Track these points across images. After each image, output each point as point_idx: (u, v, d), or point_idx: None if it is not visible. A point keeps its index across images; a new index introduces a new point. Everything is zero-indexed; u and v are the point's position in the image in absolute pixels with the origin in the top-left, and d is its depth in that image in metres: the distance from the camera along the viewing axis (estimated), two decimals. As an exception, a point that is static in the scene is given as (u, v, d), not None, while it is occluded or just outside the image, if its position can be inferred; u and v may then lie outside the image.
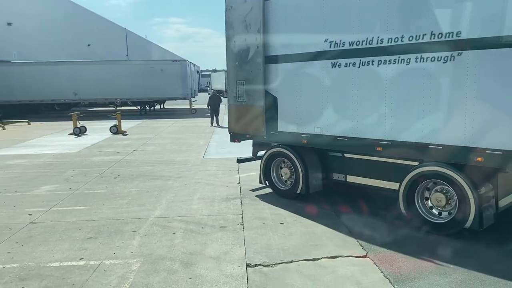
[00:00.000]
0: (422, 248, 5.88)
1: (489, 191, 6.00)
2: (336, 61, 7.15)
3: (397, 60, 6.38)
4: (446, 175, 6.11)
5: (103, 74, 30.38)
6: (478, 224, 5.86)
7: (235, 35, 8.68)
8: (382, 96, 6.63)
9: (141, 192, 9.05)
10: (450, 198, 6.24)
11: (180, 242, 6.23)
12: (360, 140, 6.99)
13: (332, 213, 7.44)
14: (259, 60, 8.28)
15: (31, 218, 7.44)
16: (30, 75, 29.96)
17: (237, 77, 8.78)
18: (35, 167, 12.01)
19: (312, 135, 7.71)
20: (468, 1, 5.68)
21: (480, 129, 5.68)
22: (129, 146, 15.78)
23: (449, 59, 5.85)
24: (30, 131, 21.44)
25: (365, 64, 6.77)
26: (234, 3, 8.63)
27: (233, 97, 8.95)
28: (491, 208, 5.99)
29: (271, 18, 8.04)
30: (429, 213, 6.47)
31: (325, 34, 7.23)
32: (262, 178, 8.81)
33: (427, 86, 6.11)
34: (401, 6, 6.33)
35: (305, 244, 6.09)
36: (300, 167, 8.02)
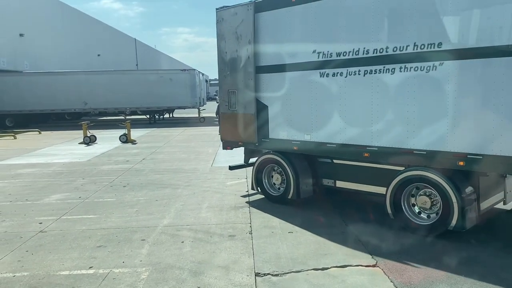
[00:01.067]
0: (430, 256, 5.82)
1: (471, 194, 6.27)
2: (324, 71, 7.44)
3: (382, 69, 6.67)
4: (430, 179, 6.38)
5: (113, 84, 30.70)
6: (461, 225, 6.12)
7: (227, 46, 8.95)
8: (369, 104, 6.90)
9: (150, 201, 9.08)
10: (435, 201, 6.48)
11: (188, 251, 6.23)
12: (348, 147, 7.26)
13: (340, 222, 7.40)
14: (250, 70, 8.56)
15: (42, 226, 7.49)
16: (41, 85, 30.34)
17: (228, 86, 9.05)
18: (45, 176, 12.11)
19: (302, 142, 7.95)
20: (448, 15, 5.99)
21: (462, 135, 5.99)
22: (139, 154, 15.87)
23: (431, 69, 6.16)
24: (41, 140, 21.65)
25: (351, 74, 7.07)
26: (225, 15, 8.91)
27: (225, 106, 9.19)
28: (473, 210, 6.26)
29: (262, 30, 8.33)
30: (415, 215, 6.71)
31: (314, 45, 7.52)
32: (254, 185, 9.01)
33: (411, 94, 6.41)
34: (386, 19, 6.66)
35: (314, 253, 6.05)
36: (291, 173, 8.23)
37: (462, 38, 5.93)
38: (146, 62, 67.23)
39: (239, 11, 8.60)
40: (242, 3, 8.57)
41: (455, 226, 6.16)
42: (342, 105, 7.28)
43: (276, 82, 8.25)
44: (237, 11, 8.64)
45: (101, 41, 50.36)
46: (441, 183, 6.26)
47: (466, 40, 5.89)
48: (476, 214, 6.29)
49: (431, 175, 6.37)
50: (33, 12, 35.83)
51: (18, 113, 30.56)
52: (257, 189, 9.00)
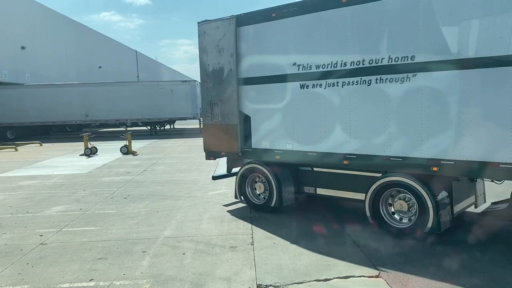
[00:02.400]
0: (433, 266, 5.77)
1: (445, 198, 6.64)
2: (304, 83, 7.73)
3: (359, 81, 7.01)
4: (407, 184, 6.74)
5: (114, 95, 30.82)
6: (437, 228, 6.48)
7: (209, 58, 9.15)
8: (347, 114, 7.24)
9: (151, 212, 9.05)
10: (411, 205, 6.83)
11: (190, 262, 6.19)
12: (329, 155, 7.56)
13: (342, 231, 7.35)
14: (232, 82, 8.76)
15: (42, 239, 7.46)
16: (42, 97, 30.46)
17: (211, 97, 9.22)
18: (46, 188, 12.09)
19: (284, 151, 8.18)
20: (420, 29, 6.31)
21: (434, 142, 6.33)
22: (139, 166, 15.86)
23: (405, 80, 6.52)
24: (42, 152, 21.67)
25: (330, 85, 7.39)
26: (207, 29, 9.12)
27: (208, 117, 9.38)
28: (447, 213, 6.65)
29: (243, 43, 8.57)
30: (393, 219, 7.07)
31: (294, 58, 7.82)
32: (238, 193, 9.20)
33: (386, 104, 6.76)
34: (362, 33, 6.96)
35: (316, 264, 6.01)
36: (274, 181, 8.46)
37: (432, 52, 6.27)
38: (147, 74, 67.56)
39: (221, 25, 8.84)
40: (223, 18, 8.84)
41: (430, 228, 6.50)
42: (322, 115, 7.58)
43: (258, 94, 8.50)
44: (218, 25, 8.88)
45: (102, 53, 50.68)
46: (416, 188, 6.62)
47: (436, 53, 6.24)
48: (450, 217, 6.68)
49: (407, 180, 6.72)
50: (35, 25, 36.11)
51: (20, 125, 30.64)
52: (240, 198, 9.22)
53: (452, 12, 6.06)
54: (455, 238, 6.89)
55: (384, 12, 6.66)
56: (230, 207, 9.30)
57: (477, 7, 5.84)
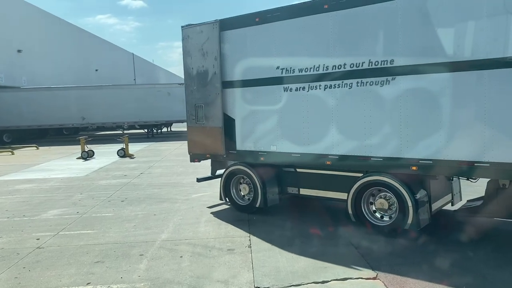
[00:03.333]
0: (430, 267, 5.79)
1: (424, 196, 6.94)
2: (288, 86, 7.93)
3: (341, 84, 7.28)
4: (387, 183, 7.02)
5: (110, 98, 30.77)
6: (416, 225, 6.76)
7: (193, 62, 9.26)
8: (329, 116, 7.48)
9: (148, 215, 9.03)
10: (392, 203, 7.12)
11: (187, 265, 6.18)
12: (312, 156, 7.77)
13: (339, 233, 7.36)
14: (217, 85, 8.88)
15: (39, 242, 7.44)
16: (39, 100, 30.39)
17: (195, 100, 9.33)
18: (43, 192, 12.05)
19: (268, 152, 8.37)
20: (399, 35, 6.61)
21: (413, 142, 6.64)
22: (136, 169, 15.84)
23: (385, 83, 6.80)
24: (39, 156, 21.61)
25: (313, 88, 7.61)
26: (191, 33, 9.22)
27: (192, 120, 9.46)
28: (426, 211, 6.93)
29: (227, 47, 8.71)
30: (374, 217, 7.33)
31: (277, 62, 8.00)
32: (222, 195, 9.31)
33: (367, 106, 7.03)
34: (343, 38, 7.22)
35: (314, 266, 6.01)
36: (259, 183, 8.61)
37: (410, 56, 6.55)
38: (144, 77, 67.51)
39: (204, 29, 8.97)
40: (207, 22, 8.97)
41: (410, 225, 6.78)
42: (306, 117, 7.78)
43: (242, 96, 8.64)
44: (202, 29, 9.00)
45: (99, 56, 50.63)
46: (396, 186, 6.90)
47: (413, 58, 6.53)
48: (428, 214, 6.98)
49: (388, 179, 6.99)
50: (31, 28, 36.05)
51: (16, 129, 30.56)
52: (225, 199, 9.32)
53: (427, 19, 6.38)
54: (451, 238, 6.92)
55: (364, 18, 6.94)
56: (228, 209, 9.29)
57: (450, 15, 6.19)
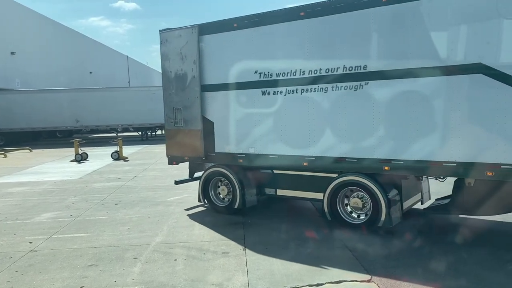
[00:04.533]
0: (425, 270, 5.80)
1: (396, 195, 7.29)
2: (266, 90, 8.16)
3: (317, 88, 7.55)
4: (361, 183, 7.34)
5: (104, 101, 30.66)
6: (389, 222, 7.12)
7: (171, 65, 9.38)
8: (306, 119, 7.76)
9: (142, 218, 8.99)
10: (365, 202, 7.44)
11: (181, 268, 6.16)
12: (290, 157, 8.01)
13: (333, 236, 7.36)
14: (196, 89, 9.03)
15: (32, 246, 7.38)
16: (32, 103, 30.21)
17: (174, 103, 9.45)
18: (36, 195, 11.97)
19: (247, 154, 8.56)
20: (372, 42, 7.01)
21: (385, 144, 6.99)
22: (131, 172, 15.78)
23: (359, 87, 7.13)
24: (32, 159, 21.48)
25: (290, 92, 7.88)
26: (169, 37, 9.36)
27: (170, 122, 9.57)
28: (398, 209, 7.30)
29: (206, 51, 8.89)
30: (349, 216, 7.65)
31: (255, 66, 8.23)
32: (201, 197, 9.46)
33: (342, 110, 7.35)
34: (319, 44, 7.53)
35: (309, 269, 6.01)
36: (237, 184, 8.79)
37: (381, 62, 6.94)
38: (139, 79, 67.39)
39: (183, 33, 9.10)
40: (186, 26, 9.11)
41: (383, 223, 7.13)
42: (283, 120, 8.04)
43: (221, 100, 8.79)
44: (181, 33, 9.14)
45: (93, 58, 50.47)
46: (370, 186, 7.24)
47: (384, 64, 6.92)
48: (400, 213, 7.34)
49: (362, 179, 7.33)
50: (25, 30, 35.89)
51: (9, 131, 30.35)
52: (204, 201, 9.46)
53: (397, 28, 6.79)
54: (446, 240, 6.95)
55: (339, 26, 7.26)
56: (222, 212, 9.26)
57: (417, 25, 6.61)
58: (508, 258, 6.18)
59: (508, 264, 5.97)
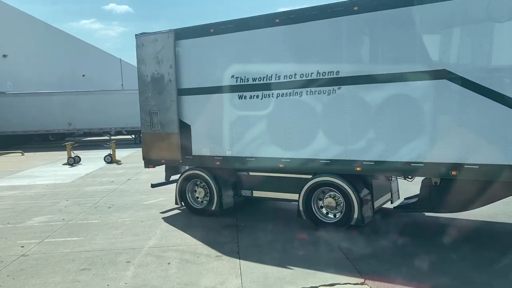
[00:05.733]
0: (418, 272, 5.83)
1: (367, 194, 7.61)
2: (242, 94, 8.36)
3: (292, 93, 7.81)
4: (335, 183, 7.63)
5: (97, 104, 30.46)
6: (361, 220, 7.41)
7: (147, 69, 9.46)
8: (281, 122, 7.99)
9: (135, 222, 8.95)
10: (339, 202, 7.70)
11: (175, 272, 6.13)
12: (266, 160, 8.21)
13: (326, 238, 7.37)
14: (172, 93, 9.13)
15: (23, 250, 7.32)
16: (24, 106, 29.96)
17: (150, 107, 9.53)
18: (28, 198, 11.88)
19: (224, 157, 8.71)
20: (343, 48, 7.28)
21: (357, 145, 7.29)
22: (124, 175, 15.71)
23: (332, 92, 7.42)
24: (24, 162, 21.32)
25: (266, 96, 8.09)
26: (145, 41, 9.44)
27: (147, 126, 9.64)
28: (369, 208, 7.63)
29: (182, 56, 9.00)
30: (323, 215, 7.91)
31: (232, 70, 8.39)
32: (178, 199, 9.56)
33: (316, 113, 7.62)
34: (293, 50, 7.77)
35: (302, 271, 6.00)
36: (214, 186, 8.94)
37: (353, 68, 7.26)
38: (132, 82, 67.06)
39: (159, 38, 9.18)
40: (162, 31, 9.19)
41: (356, 221, 7.43)
42: (260, 123, 8.25)
43: (198, 103, 8.93)
44: (157, 38, 9.22)
45: (86, 61, 50.19)
46: (343, 186, 7.52)
47: (356, 70, 7.22)
48: (371, 212, 7.66)
49: (335, 180, 7.61)
50: (17, 33, 35.67)
51: (1, 135, 30.06)
52: (181, 203, 9.56)
53: (367, 35, 7.19)
54: (438, 243, 6.98)
55: (312, 33, 7.53)
56: (215, 216, 9.24)
57: (387, 33, 6.95)
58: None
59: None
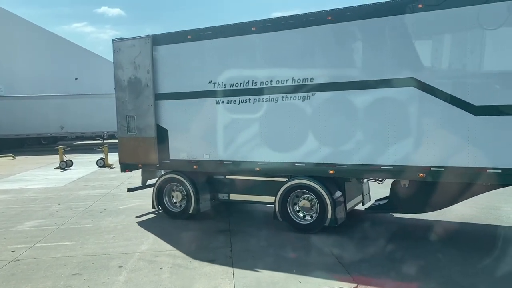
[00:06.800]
0: (411, 276, 5.86)
1: (340, 196, 7.88)
2: (220, 99, 8.55)
3: (268, 98, 8.05)
4: (309, 186, 7.87)
5: (90, 108, 30.33)
6: (334, 221, 7.66)
7: (124, 74, 9.56)
8: (258, 127, 8.23)
9: (127, 226, 8.91)
10: (313, 203, 7.93)
11: (167, 277, 6.11)
12: (243, 163, 8.41)
13: (319, 243, 7.39)
14: (150, 97, 9.25)
15: (14, 255, 7.26)
16: (16, 109, 29.79)
17: (127, 112, 9.61)
18: (19, 202, 11.79)
19: (201, 161, 8.85)
20: (317, 56, 7.62)
21: (331, 149, 7.60)
22: (116, 179, 15.63)
23: (306, 98, 7.70)
24: (15, 166, 21.16)
25: (243, 102, 8.30)
26: (122, 46, 9.54)
27: (123, 130, 9.71)
28: (342, 209, 7.86)
29: (160, 61, 9.14)
30: (298, 217, 8.13)
31: (209, 76, 8.59)
32: (155, 203, 9.62)
33: (291, 118, 7.88)
34: (269, 57, 8.06)
35: (295, 276, 6.00)
36: (192, 190, 9.04)
37: (327, 75, 7.55)
38: (125, 86, 66.70)
39: (136, 43, 9.30)
40: (139, 36, 9.32)
41: (329, 222, 7.66)
42: (236, 127, 8.44)
43: (176, 108, 9.06)
44: (134, 43, 9.33)
45: (78, 64, 49.93)
46: (317, 188, 7.76)
47: (330, 77, 7.53)
48: (344, 213, 7.91)
49: (309, 182, 7.85)
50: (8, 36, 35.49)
51: (-8, 138, 29.86)
52: (158, 207, 9.62)
53: (340, 44, 7.48)
54: (430, 248, 7.02)
55: (287, 41, 7.80)
56: (209, 220, 9.23)
57: (360, 43, 7.38)
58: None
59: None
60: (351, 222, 8.34)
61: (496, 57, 6.53)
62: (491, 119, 6.40)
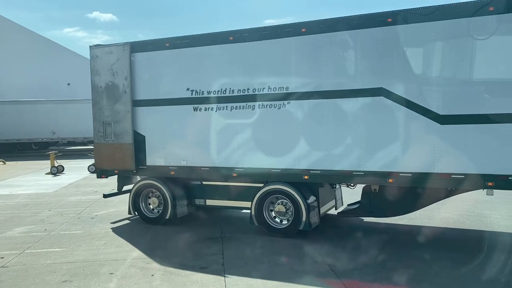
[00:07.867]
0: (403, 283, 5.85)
1: (314, 201, 8.15)
2: (197, 106, 8.71)
3: (245, 106, 8.27)
4: (284, 191, 8.11)
5: (82, 113, 30.10)
6: (308, 226, 7.91)
7: (102, 80, 9.60)
8: (234, 133, 8.41)
9: (119, 233, 8.84)
10: (288, 208, 8.17)
11: (158, 284, 6.06)
12: (220, 169, 8.58)
13: (311, 250, 7.37)
14: (127, 104, 9.32)
15: (3, 261, 7.16)
16: (7, 114, 29.59)
17: (104, 118, 9.65)
18: (9, 208, 11.66)
19: (179, 167, 8.98)
20: (292, 66, 7.87)
21: (305, 155, 7.85)
22: (107, 185, 15.48)
23: (282, 106, 7.96)
24: (5, 171, 20.96)
25: (220, 109, 8.51)
26: (100, 53, 9.59)
27: (100, 136, 9.73)
28: (316, 214, 8.14)
29: (138, 68, 9.23)
30: (274, 221, 8.34)
31: (187, 83, 8.76)
32: (132, 209, 9.66)
33: (267, 125, 8.12)
34: (246, 66, 8.27)
35: (287, 283, 5.98)
36: (169, 196, 9.13)
37: (301, 84, 7.84)
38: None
39: (114, 50, 9.37)
40: (117, 43, 9.41)
41: (304, 226, 7.91)
42: (214, 134, 8.61)
43: (153, 115, 9.17)
44: (112, 50, 9.40)
45: (70, 69, 49.73)
46: (292, 193, 8.01)
47: (304, 86, 7.81)
48: (318, 217, 8.19)
49: (285, 187, 8.09)
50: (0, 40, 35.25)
51: (-18, 143, 29.59)
52: (134, 213, 9.66)
53: (314, 54, 7.75)
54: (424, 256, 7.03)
55: (262, 51, 8.05)
56: (202, 226, 9.19)
57: (332, 53, 7.63)
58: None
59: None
60: (341, 231, 8.35)
61: (459, 68, 6.89)
62: (455, 127, 6.83)
